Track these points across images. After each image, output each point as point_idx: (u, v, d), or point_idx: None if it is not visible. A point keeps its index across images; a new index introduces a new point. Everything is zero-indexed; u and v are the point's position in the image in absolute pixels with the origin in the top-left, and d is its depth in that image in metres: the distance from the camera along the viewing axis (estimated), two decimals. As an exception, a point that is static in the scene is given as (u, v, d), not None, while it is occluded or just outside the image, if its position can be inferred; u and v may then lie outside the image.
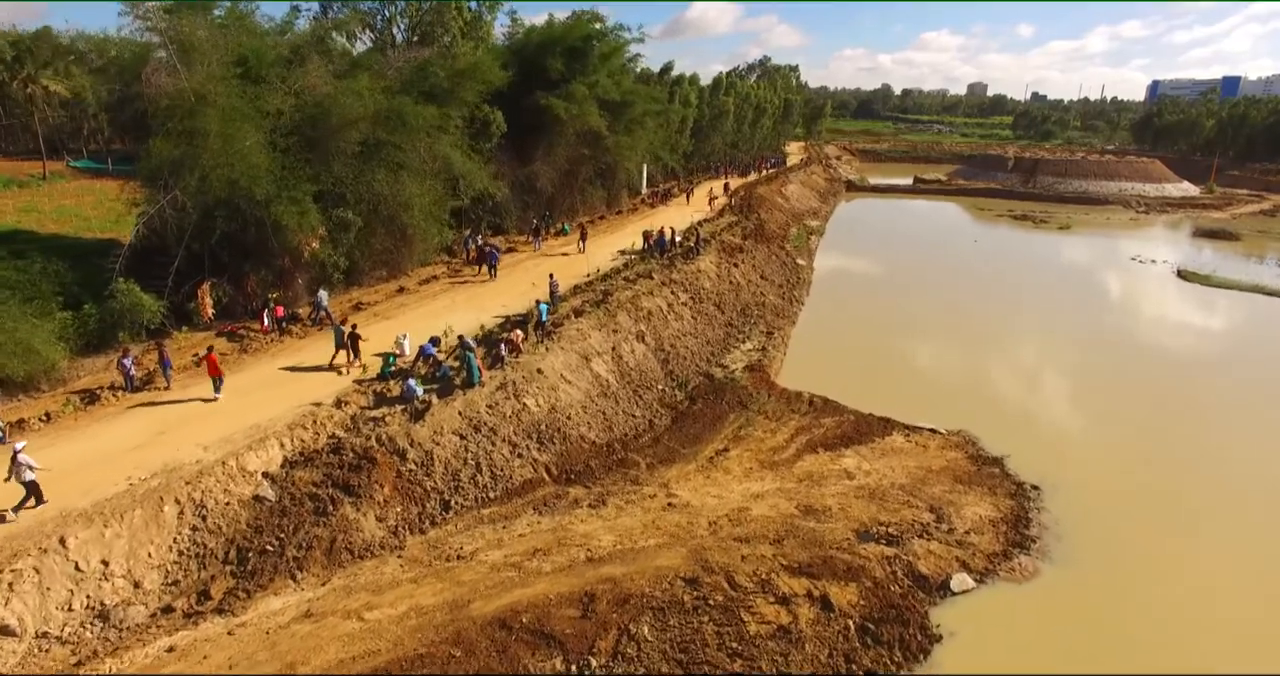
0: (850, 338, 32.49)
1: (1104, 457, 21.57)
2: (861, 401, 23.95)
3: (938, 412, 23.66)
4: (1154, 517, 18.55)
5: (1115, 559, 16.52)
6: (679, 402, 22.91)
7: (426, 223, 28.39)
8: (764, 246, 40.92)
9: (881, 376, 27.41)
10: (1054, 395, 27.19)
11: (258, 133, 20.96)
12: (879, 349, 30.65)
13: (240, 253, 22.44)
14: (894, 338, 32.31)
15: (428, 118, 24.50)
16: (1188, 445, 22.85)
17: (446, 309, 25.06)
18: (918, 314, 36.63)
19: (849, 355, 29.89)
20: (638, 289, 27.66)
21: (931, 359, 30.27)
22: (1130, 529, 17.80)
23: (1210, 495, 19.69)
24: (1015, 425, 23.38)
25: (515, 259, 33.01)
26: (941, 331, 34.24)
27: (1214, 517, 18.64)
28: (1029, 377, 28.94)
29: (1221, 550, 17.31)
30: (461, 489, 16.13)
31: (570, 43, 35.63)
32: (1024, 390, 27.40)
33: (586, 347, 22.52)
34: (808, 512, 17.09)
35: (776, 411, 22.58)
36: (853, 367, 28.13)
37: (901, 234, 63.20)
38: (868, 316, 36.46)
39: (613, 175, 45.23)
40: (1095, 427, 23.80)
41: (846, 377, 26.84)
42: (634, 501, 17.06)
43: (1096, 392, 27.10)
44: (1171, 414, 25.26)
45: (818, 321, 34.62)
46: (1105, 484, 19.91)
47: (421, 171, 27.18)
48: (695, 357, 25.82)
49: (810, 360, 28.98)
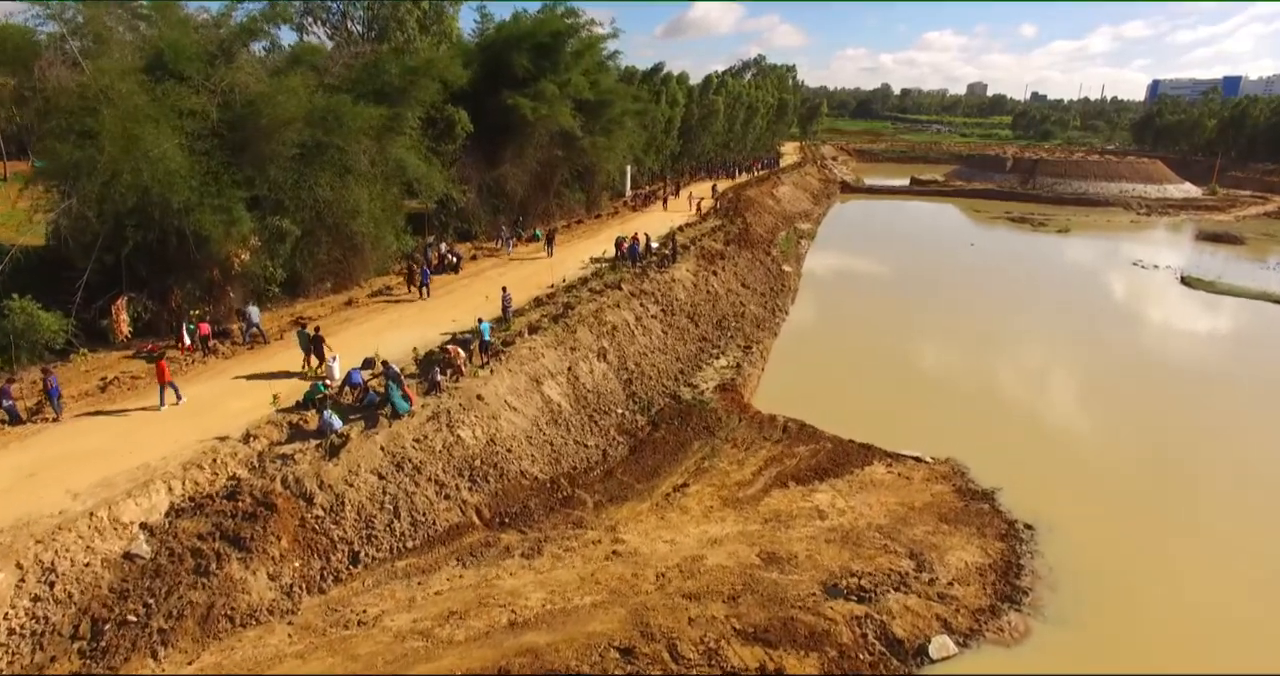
0: (835, 351, 30.53)
1: (1106, 489, 19.64)
2: (842, 424, 22.07)
3: (925, 437, 21.77)
4: (1164, 563, 16.62)
5: (1118, 615, 14.60)
6: (639, 429, 21.00)
7: (380, 229, 26.57)
8: (748, 252, 39.01)
9: (866, 395, 25.51)
10: (1053, 417, 25.05)
11: (174, 134, 19.07)
12: (865, 364, 28.70)
13: (162, 265, 20.55)
14: (881, 351, 30.39)
15: (368, 118, 22.59)
16: (1202, 474, 20.86)
17: (393, 324, 23.18)
18: (908, 324, 34.74)
19: (832, 371, 27.95)
20: (603, 301, 25.76)
21: (921, 375, 28.19)
22: (1136, 577, 15.87)
23: (1228, 533, 17.77)
24: (1010, 451, 21.44)
25: (479, 267, 31.14)
26: (933, 344, 32.35)
27: (1235, 560, 16.68)
28: (1026, 397, 26.82)
29: (1245, 601, 15.36)
30: (375, 538, 14.23)
31: (539, 39, 33.75)
32: (1020, 411, 25.25)
33: (539, 369, 20.63)
34: (770, 561, 15.19)
35: (746, 438, 20.67)
36: (835, 385, 26.23)
37: (895, 237, 61.28)
38: (855, 327, 34.62)
39: (592, 177, 43.36)
40: (1097, 454, 21.80)
41: (828, 396, 24.95)
42: (574, 548, 15.16)
43: (1099, 414, 25.12)
44: (1182, 438, 23.29)
45: (801, 333, 32.74)
46: (1107, 522, 18.01)
47: (371, 176, 25.35)
48: (662, 376, 23.92)
49: (790, 377, 27.08)
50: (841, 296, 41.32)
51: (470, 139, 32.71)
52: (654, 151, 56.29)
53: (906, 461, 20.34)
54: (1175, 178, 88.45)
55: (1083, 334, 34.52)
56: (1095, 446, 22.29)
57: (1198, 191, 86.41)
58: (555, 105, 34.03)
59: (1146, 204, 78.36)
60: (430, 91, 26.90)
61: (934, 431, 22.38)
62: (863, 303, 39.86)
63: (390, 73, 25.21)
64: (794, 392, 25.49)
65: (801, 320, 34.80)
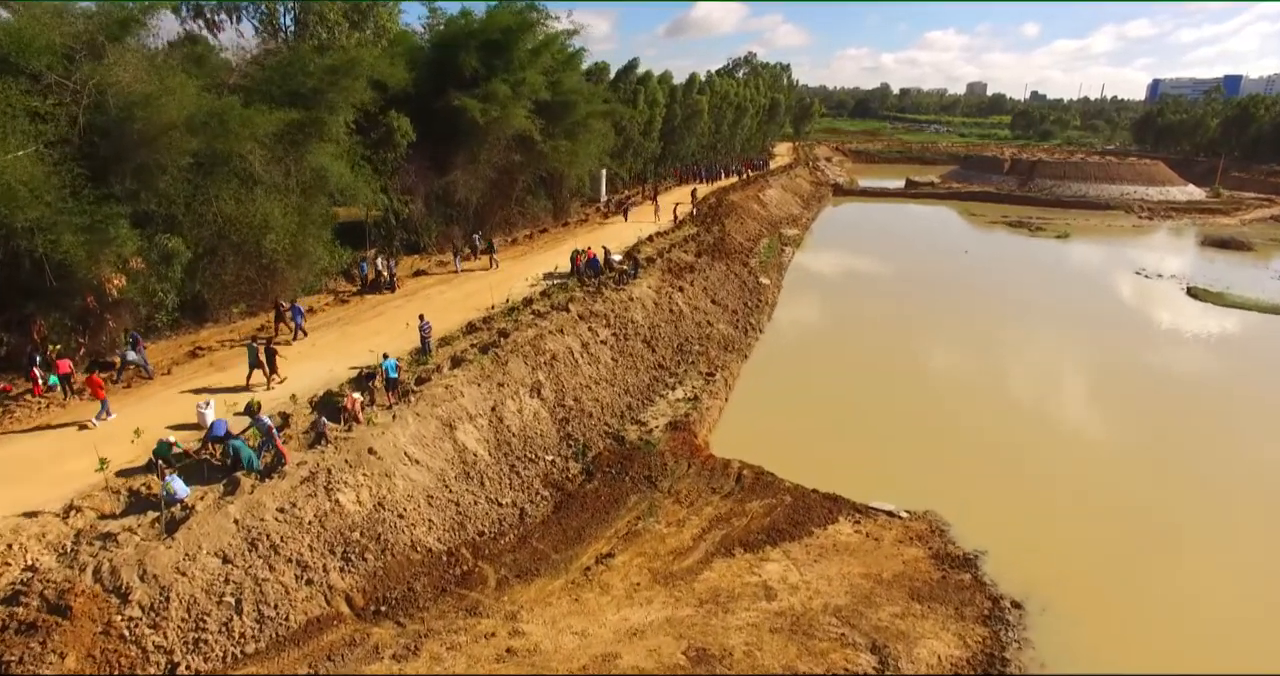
0: (807, 378, 27.55)
1: (1114, 554, 16.87)
2: (808, 466, 19.40)
3: (904, 483, 19.11)
4: (1183, 648, 13.90)
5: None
6: (570, 479, 18.28)
7: (301, 245, 23.91)
8: (722, 264, 36.31)
9: (839, 431, 22.72)
10: (1051, 461, 21.40)
11: (22, 141, 16.38)
12: (840, 394, 25.76)
13: (18, 291, 17.87)
14: (860, 378, 27.52)
15: (263, 124, 19.89)
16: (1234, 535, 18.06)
17: (300, 356, 20.49)
18: (891, 346, 31.92)
19: (802, 402, 25.06)
20: (546, 325, 23.06)
21: (902, 409, 24.82)
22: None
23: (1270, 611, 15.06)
24: (1001, 503, 18.69)
25: (420, 285, 28.46)
26: (916, 371, 29.29)
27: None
28: (1020, 437, 22.91)
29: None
30: (204, 643, 11.52)
31: (489, 36, 31.12)
32: (1013, 454, 21.61)
33: (454, 411, 17.92)
34: (700, 660, 12.47)
35: (692, 491, 17.95)
36: (805, 418, 23.45)
37: (886, 244, 58.50)
38: (833, 348, 31.81)
39: (559, 183, 40.66)
40: (1103, 508, 18.82)
41: (795, 432, 22.27)
42: (461, 645, 12.45)
43: (1104, 457, 21.95)
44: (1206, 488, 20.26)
45: (774, 355, 29.95)
46: (1113, 599, 15.30)
47: (285, 187, 22.67)
48: (606, 413, 21.21)
49: (755, 408, 24.36)
50: (823, 311, 38.61)
51: (416, 144, 30.07)
52: (631, 154, 53.65)
53: (878, 517, 17.62)
54: (1178, 179, 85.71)
55: (1083, 359, 31.70)
56: (1101, 499, 19.36)
57: (1201, 193, 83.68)
58: (509, 107, 31.36)
59: (1148, 207, 75.61)
60: (358, 93, 24.20)
61: (914, 476, 19.69)
62: (845, 318, 37.16)
63: (305, 72, 22.50)
64: (757, 427, 22.80)
65: (776, 339, 32.06)
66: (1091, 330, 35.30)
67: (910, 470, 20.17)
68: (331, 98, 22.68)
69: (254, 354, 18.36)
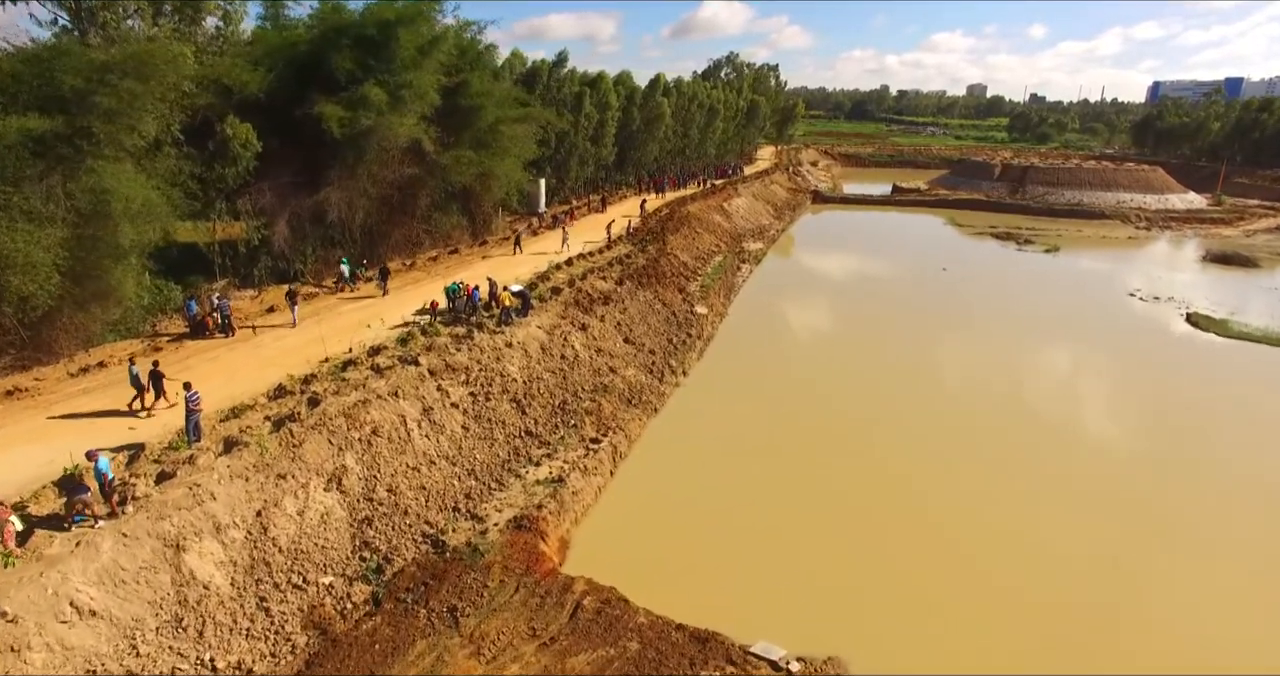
0: (725, 442, 22.45)
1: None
2: (694, 579, 14.95)
3: (812, 605, 14.66)
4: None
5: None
6: (347, 612, 13.65)
7: (108, 280, 19.65)
8: (648, 291, 31.71)
9: (748, 524, 17.82)
10: (1017, 581, 16.08)
11: None
12: (761, 467, 20.77)
13: None
14: (791, 442, 22.53)
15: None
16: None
17: (32, 435, 15.90)
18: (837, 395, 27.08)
19: (710, 477, 20.15)
20: (379, 387, 18.47)
21: (835, 490, 19.64)
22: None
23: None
24: (943, 641, 14.04)
25: (267, 321, 23.84)
26: (859, 430, 24.00)
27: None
28: (976, 538, 17.62)
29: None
30: None
31: (365, 32, 26.61)
32: (966, 568, 16.47)
33: (191, 522, 13.31)
34: None
35: (503, 633, 13.30)
36: (708, 504, 18.72)
37: (859, 259, 53.85)
38: (768, 398, 26.28)
39: (475, 198, 36.04)
40: (1079, 646, 14.33)
41: (688, 527, 17.66)
42: None
43: (1082, 572, 16.64)
44: (1206, 603, 15.80)
45: (690, 411, 24.90)
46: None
47: (49, 215, 18.13)
48: (432, 506, 16.59)
49: (646, 489, 19.67)
50: (767, 347, 33.14)
51: (277, 157, 25.62)
52: (577, 163, 49.10)
53: (759, 668, 13.00)
54: (1177, 186, 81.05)
55: (1061, 419, 25.49)
56: (1081, 634, 14.78)
57: (1202, 201, 79.05)
58: (387, 114, 26.83)
59: (1146, 216, 70.97)
60: (154, 98, 19.64)
61: (832, 595, 15.13)
62: (791, 355, 32.35)
63: (68, 70, 17.94)
64: (642, 515, 18.25)
65: (701, 385, 27.22)
66: (1074, 372, 30.50)
67: (829, 585, 15.56)
68: (105, 102, 18.11)
69: (136, 378, 17.02)
